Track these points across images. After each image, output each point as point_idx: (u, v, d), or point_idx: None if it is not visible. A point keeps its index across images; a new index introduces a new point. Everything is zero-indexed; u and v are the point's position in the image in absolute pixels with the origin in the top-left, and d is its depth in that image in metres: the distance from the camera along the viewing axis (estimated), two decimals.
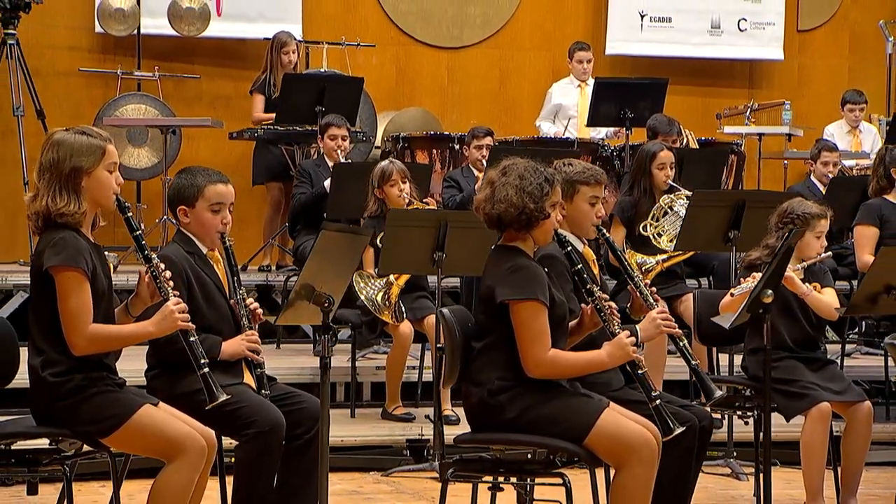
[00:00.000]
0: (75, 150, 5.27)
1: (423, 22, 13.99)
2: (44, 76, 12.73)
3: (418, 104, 13.71)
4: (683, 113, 13.71)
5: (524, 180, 5.23)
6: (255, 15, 13.19)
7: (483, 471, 5.39)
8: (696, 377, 5.70)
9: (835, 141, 12.81)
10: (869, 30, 14.32)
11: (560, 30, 14.06)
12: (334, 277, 5.52)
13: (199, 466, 5.22)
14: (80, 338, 5.08)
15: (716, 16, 14.27)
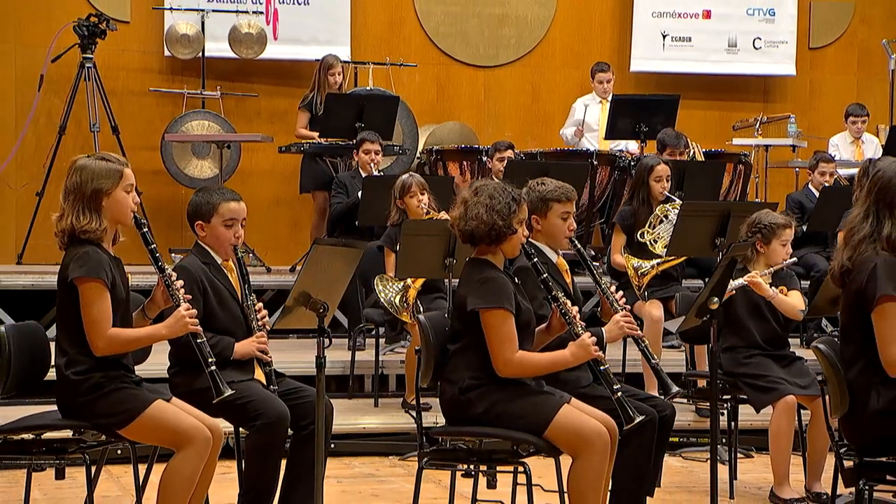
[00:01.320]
0: (96, 174, 5.40)
1: (461, 43, 14.01)
2: (119, 96, 12.86)
3: (457, 118, 13.72)
4: (703, 125, 13.95)
5: (494, 199, 5.32)
6: (307, 38, 13.25)
7: (456, 460, 5.47)
8: (655, 374, 5.82)
9: (839, 151, 12.86)
10: (875, 47, 14.11)
11: (587, 49, 14.05)
12: (329, 286, 5.62)
13: (205, 455, 5.32)
14: (101, 340, 5.23)
15: (732, 35, 14.23)
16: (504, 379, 5.28)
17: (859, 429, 4.98)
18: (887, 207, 4.97)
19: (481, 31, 14.04)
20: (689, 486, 7.38)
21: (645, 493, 5.95)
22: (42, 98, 12.58)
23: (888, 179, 5.01)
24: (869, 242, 4.93)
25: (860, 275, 4.89)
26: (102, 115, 12.28)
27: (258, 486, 5.89)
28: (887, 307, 4.80)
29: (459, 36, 14.03)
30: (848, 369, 4.96)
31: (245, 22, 12.98)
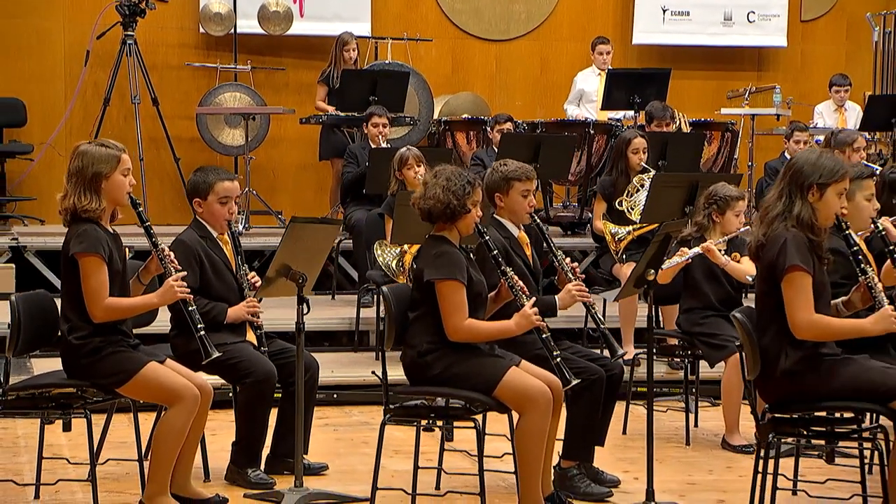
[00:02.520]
0: (96, 158, 5.52)
1: (474, 18, 14.00)
2: (158, 70, 12.95)
3: (470, 89, 13.74)
4: (701, 94, 13.98)
5: (450, 181, 5.47)
6: (331, 16, 13.26)
7: (417, 416, 5.61)
8: (602, 337, 5.98)
9: (823, 118, 12.92)
10: (863, 20, 14.10)
11: (592, 24, 14.00)
12: (308, 258, 5.86)
13: (194, 410, 5.50)
14: (98, 309, 5.40)
15: (728, 9, 14.20)
16: (458, 343, 5.43)
17: (771, 387, 5.14)
18: (798, 189, 5.10)
19: (493, 7, 14.04)
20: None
21: (594, 442, 6.11)
22: (88, 72, 12.74)
23: (801, 165, 5.14)
24: (781, 220, 5.08)
25: (772, 248, 5.04)
26: (143, 87, 12.38)
27: (249, 435, 6.15)
28: (795, 276, 4.97)
29: (473, 12, 14.03)
30: (762, 334, 5.12)
31: (273, 1, 13.05)
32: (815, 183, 5.08)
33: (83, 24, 12.89)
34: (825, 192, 5.09)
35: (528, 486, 5.42)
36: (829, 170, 5.10)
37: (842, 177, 5.11)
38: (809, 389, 5.06)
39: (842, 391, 5.03)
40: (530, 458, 5.40)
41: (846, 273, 5.37)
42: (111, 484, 6.09)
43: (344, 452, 6.89)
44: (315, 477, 6.28)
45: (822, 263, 5.09)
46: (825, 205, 5.10)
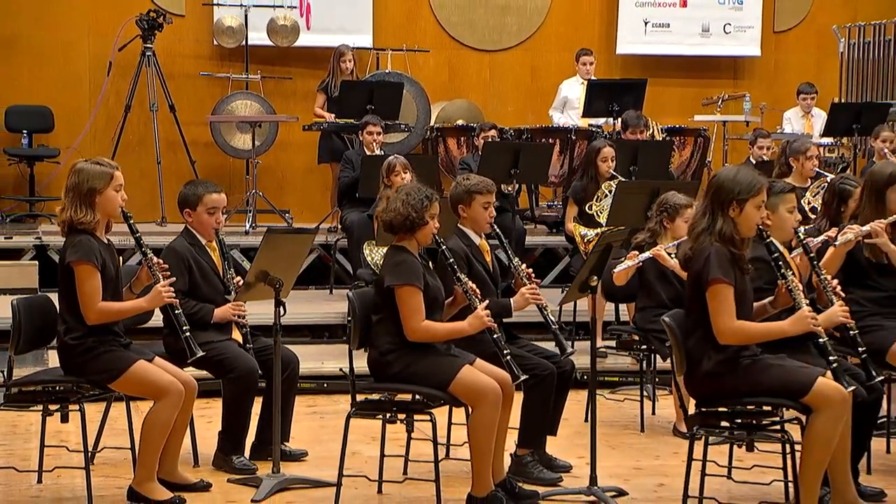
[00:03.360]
0: (91, 175, 5.65)
1: (469, 30, 14.05)
2: (175, 79, 13.04)
3: (465, 97, 13.79)
4: (681, 101, 13.99)
5: (409, 196, 5.61)
6: (336, 28, 13.32)
7: (381, 409, 5.72)
8: (554, 337, 6.10)
9: (791, 124, 13.01)
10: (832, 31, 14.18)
11: (579, 35, 14.02)
12: (285, 265, 6.01)
13: (178, 404, 5.65)
14: (92, 312, 5.54)
15: (706, 21, 14.25)
16: (416, 343, 5.56)
17: (695, 385, 5.30)
18: (720, 206, 5.24)
19: (487, 20, 14.07)
20: (612, 421, 7.70)
21: (546, 432, 6.25)
22: (110, 82, 12.90)
23: (721, 184, 5.28)
24: (706, 235, 5.23)
25: (698, 261, 5.20)
26: (161, 95, 12.55)
27: (233, 426, 6.32)
28: (717, 288, 5.13)
29: (467, 24, 14.07)
30: (688, 337, 5.28)
31: (281, 15, 13.21)
32: (735, 199, 5.22)
33: (106, 37, 13.03)
34: (744, 207, 5.23)
35: (480, 472, 5.56)
36: (747, 185, 5.24)
37: (758, 191, 5.25)
38: (729, 388, 5.22)
39: (759, 389, 5.19)
40: (481, 447, 5.52)
41: (770, 279, 5.51)
42: (108, 469, 6.25)
43: (326, 439, 7.00)
44: (295, 463, 6.44)
45: (743, 274, 5.23)
46: (745, 218, 5.24)
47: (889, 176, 6.36)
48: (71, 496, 5.80)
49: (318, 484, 6.00)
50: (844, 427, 5.23)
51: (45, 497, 5.85)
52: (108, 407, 6.48)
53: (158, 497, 5.67)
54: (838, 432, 5.17)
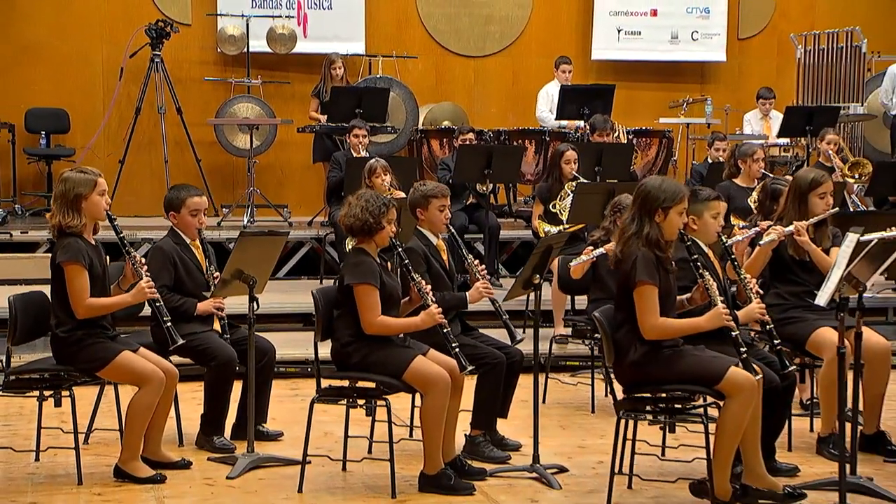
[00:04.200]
0: (76, 183, 5.78)
1: (455, 38, 14.16)
2: (182, 83, 13.15)
3: (451, 99, 13.87)
4: (652, 103, 14.05)
5: (368, 203, 5.74)
6: (331, 36, 13.45)
7: (342, 396, 5.84)
8: (505, 326, 6.23)
9: (751, 125, 13.13)
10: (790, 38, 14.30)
11: (557, 42, 14.09)
12: (258, 264, 6.13)
13: (160, 391, 5.80)
14: (80, 308, 5.70)
15: (675, 29, 14.34)
16: (373, 336, 5.67)
17: (622, 374, 5.47)
18: (647, 213, 5.41)
19: (471, 28, 14.19)
20: (567, 402, 7.85)
21: (497, 415, 6.37)
22: (122, 86, 13.01)
23: (648, 192, 5.44)
24: (634, 239, 5.39)
25: (627, 263, 5.37)
26: (169, 99, 12.67)
27: (213, 409, 6.47)
28: (643, 289, 5.30)
29: (453, 32, 14.18)
30: (616, 331, 5.45)
31: (279, 24, 13.35)
32: (660, 206, 5.40)
33: (118, 45, 13.14)
34: (668, 213, 5.40)
35: (431, 452, 5.71)
36: (671, 194, 5.41)
37: (681, 199, 5.43)
38: (652, 377, 5.39)
39: (678, 377, 5.36)
40: (432, 430, 5.66)
41: (693, 278, 5.67)
42: (101, 448, 6.41)
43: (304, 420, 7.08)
44: (271, 442, 6.57)
45: (667, 274, 5.41)
46: (669, 223, 5.41)
47: (811, 181, 6.54)
48: (64, 473, 5.94)
49: (287, 462, 6.12)
50: (754, 410, 5.37)
51: (40, 474, 6.00)
52: (100, 392, 6.65)
53: (141, 474, 5.83)
54: (748, 415, 5.32)
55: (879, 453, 6.39)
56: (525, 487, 5.85)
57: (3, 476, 5.99)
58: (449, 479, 5.72)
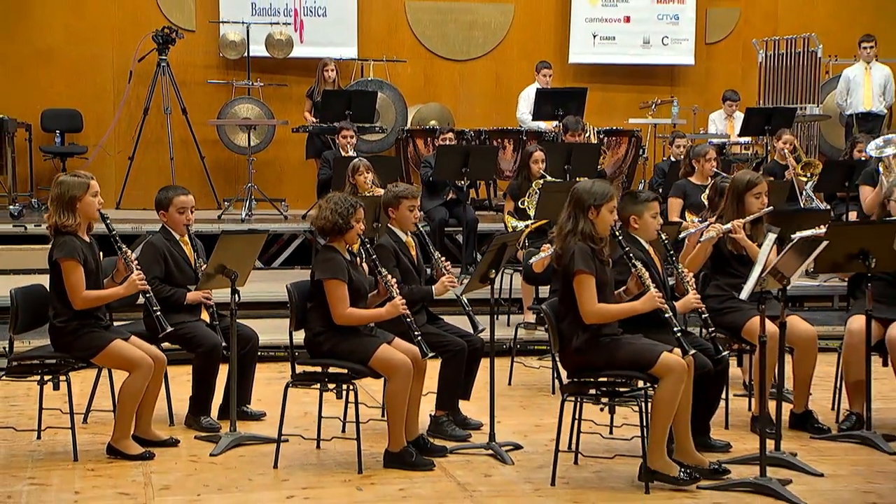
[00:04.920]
0: (70, 185, 5.91)
1: (442, 42, 14.28)
2: (187, 86, 13.30)
3: (438, 100, 13.99)
4: (625, 104, 14.14)
5: (337, 205, 5.88)
6: (326, 42, 13.62)
7: (315, 380, 5.98)
8: (468, 317, 6.38)
9: (716, 125, 13.27)
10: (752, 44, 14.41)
11: (536, 47, 14.22)
12: (240, 260, 6.28)
13: (149, 376, 5.95)
14: (77, 300, 5.84)
15: (646, 35, 14.44)
16: (342, 326, 5.81)
17: (567, 360, 5.65)
18: (581, 212, 5.58)
19: (457, 34, 14.32)
20: (531, 384, 7.99)
21: (459, 397, 6.53)
22: (131, 89, 13.19)
23: (580, 193, 5.61)
24: (571, 235, 5.56)
25: (566, 257, 5.53)
26: (174, 100, 12.85)
27: (200, 391, 6.63)
28: (581, 278, 5.46)
29: (440, 37, 14.31)
30: (561, 321, 5.62)
31: (277, 31, 13.50)
32: (592, 205, 5.58)
33: (127, 51, 13.32)
34: (600, 211, 5.57)
35: (394, 431, 5.87)
36: (601, 194, 5.59)
37: (610, 198, 5.59)
38: (593, 363, 5.57)
39: (617, 363, 5.54)
40: (395, 411, 5.83)
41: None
42: (98, 427, 6.55)
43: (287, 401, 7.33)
44: (254, 422, 6.73)
45: (603, 265, 5.58)
46: (601, 220, 5.58)
47: (748, 182, 6.71)
48: (62, 451, 6.11)
49: (266, 441, 6.25)
50: (685, 393, 5.54)
51: (40, 451, 6.17)
52: (97, 376, 6.83)
53: (131, 452, 5.99)
54: (679, 397, 5.49)
55: (807, 430, 6.57)
56: (481, 463, 6.00)
57: (7, 453, 6.15)
58: (411, 456, 5.88)
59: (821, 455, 6.15)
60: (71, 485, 5.59)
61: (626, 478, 5.69)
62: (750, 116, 12.03)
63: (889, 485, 5.63)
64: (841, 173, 10.28)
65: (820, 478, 5.72)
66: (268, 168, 13.79)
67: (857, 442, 6.35)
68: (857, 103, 13.04)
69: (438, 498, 5.43)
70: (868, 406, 6.40)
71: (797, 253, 5.72)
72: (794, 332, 6.49)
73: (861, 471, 5.87)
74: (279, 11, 13.71)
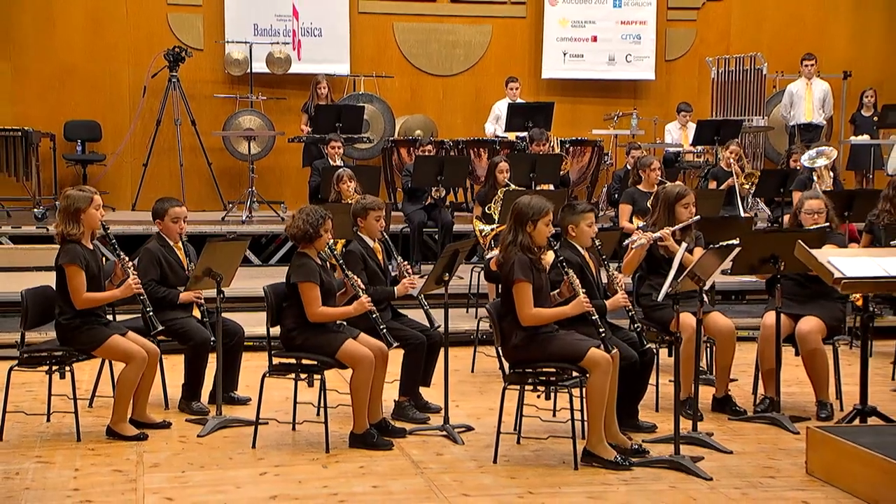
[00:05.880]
0: (76, 199, 6.15)
1: (426, 60, 14.46)
2: (195, 99, 13.53)
3: (423, 112, 14.21)
4: (592, 116, 14.32)
5: (308, 216, 6.11)
6: (321, 59, 13.82)
7: (289, 370, 6.15)
8: (425, 314, 6.63)
9: (671, 134, 13.47)
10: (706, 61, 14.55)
11: (512, 63, 14.39)
12: (224, 264, 6.48)
13: (143, 367, 6.16)
14: (78, 300, 6.05)
15: (612, 53, 14.59)
16: (314, 323, 6.03)
17: (508, 353, 5.87)
18: (520, 225, 5.79)
19: (440, 52, 14.50)
20: (491, 371, 8.11)
21: (420, 384, 6.76)
22: (145, 102, 13.42)
23: (520, 209, 5.81)
24: (512, 246, 5.78)
25: (507, 266, 5.75)
26: (184, 112, 13.08)
27: (191, 380, 6.87)
28: (519, 285, 5.69)
29: (425, 55, 14.49)
30: (502, 319, 5.84)
31: (276, 50, 13.71)
32: (530, 219, 5.80)
33: (141, 68, 13.54)
34: (537, 224, 5.79)
35: (358, 415, 6.10)
36: (538, 209, 5.79)
37: (546, 213, 5.79)
38: (530, 357, 5.80)
39: (550, 356, 5.78)
40: (359, 398, 6.05)
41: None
42: (102, 411, 6.74)
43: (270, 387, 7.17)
44: (240, 406, 6.94)
45: (540, 273, 5.81)
46: (538, 232, 5.80)
47: (677, 194, 6.96)
48: (67, 432, 6.33)
49: (248, 423, 6.44)
50: (611, 382, 5.77)
51: (48, 432, 6.41)
52: (101, 366, 7.07)
53: (128, 433, 6.22)
54: (607, 387, 5.72)
55: (726, 412, 6.81)
56: (435, 443, 6.22)
57: (19, 434, 6.38)
58: (372, 437, 6.10)
59: (734, 434, 6.40)
60: (72, 462, 5.83)
61: (560, 456, 5.92)
62: (701, 127, 12.25)
63: (788, 460, 5.87)
64: (777, 181, 10.52)
65: (729, 454, 5.96)
66: (269, 173, 14.03)
67: (768, 423, 6.59)
68: (800, 115, 13.28)
69: (393, 474, 5.66)
70: (778, 391, 6.64)
71: (715, 257, 5.96)
72: (714, 326, 6.74)
73: (766, 448, 6.11)
74: (279, 32, 13.91)
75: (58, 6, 13.61)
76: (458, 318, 8.93)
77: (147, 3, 13.78)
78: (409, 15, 14.39)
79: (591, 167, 12.18)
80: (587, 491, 5.37)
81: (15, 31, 13.54)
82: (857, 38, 15.24)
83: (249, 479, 5.55)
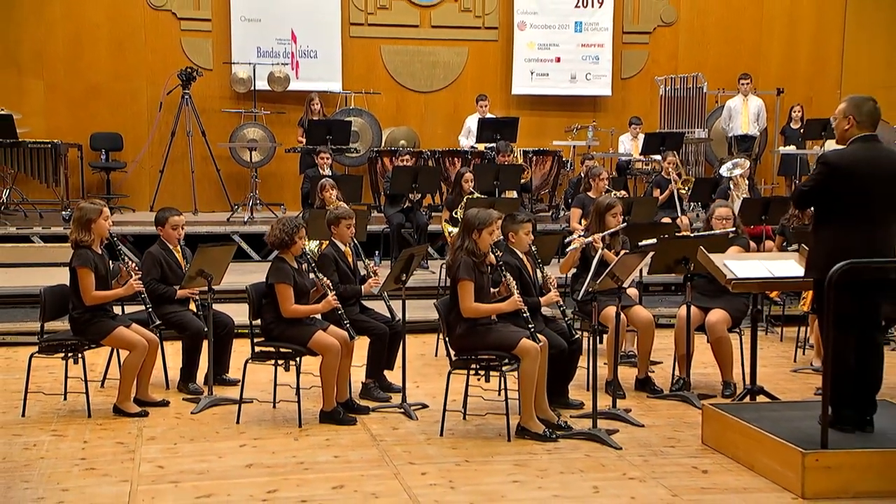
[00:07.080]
0: (87, 210, 6.40)
1: (410, 78, 14.61)
2: (206, 113, 13.73)
3: (406, 124, 14.37)
4: (555, 128, 14.48)
5: (285, 225, 6.36)
6: (316, 77, 14.01)
7: (269, 358, 6.36)
8: (387, 307, 6.93)
9: (624, 145, 13.72)
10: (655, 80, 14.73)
11: (486, 81, 14.58)
12: (214, 265, 6.77)
13: (144, 354, 6.44)
14: (88, 298, 6.32)
15: (573, 71, 14.75)
16: (288, 318, 6.26)
17: (453, 343, 6.14)
18: (468, 233, 6.09)
19: (422, 71, 14.66)
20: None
21: (383, 367, 7.01)
22: (161, 116, 13.65)
23: (469, 219, 6.10)
24: (460, 250, 6.08)
25: (454, 267, 6.05)
26: (195, 125, 13.28)
27: (187, 364, 7.15)
28: (463, 284, 5.98)
29: (409, 74, 14.65)
30: (448, 313, 6.13)
31: (278, 69, 13.93)
32: (476, 228, 6.10)
33: (157, 86, 13.75)
34: (482, 233, 6.08)
35: (327, 395, 6.39)
36: (483, 220, 6.09)
37: (490, 223, 6.07)
38: (471, 346, 6.10)
39: (487, 345, 6.06)
40: (328, 381, 6.34)
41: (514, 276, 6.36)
42: (112, 391, 6.98)
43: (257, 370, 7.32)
44: (230, 387, 7.19)
45: (482, 274, 6.10)
46: (482, 240, 6.08)
47: (607, 205, 7.27)
48: (80, 410, 6.64)
49: (234, 402, 6.71)
50: (540, 367, 6.06)
51: (64, 409, 6.71)
52: (111, 353, 7.40)
53: (131, 411, 6.52)
54: (536, 372, 6.03)
55: (646, 391, 7.12)
56: (393, 419, 6.51)
57: (39, 411, 6.69)
58: (339, 414, 6.40)
59: (649, 410, 6.71)
60: (82, 436, 6.14)
61: (497, 430, 6.23)
62: (648, 139, 12.49)
63: (689, 432, 6.17)
64: (710, 187, 10.81)
65: (640, 427, 6.27)
66: (270, 178, 14.27)
67: (679, 400, 6.90)
68: (737, 127, 13.56)
69: (353, 446, 5.96)
70: (688, 372, 6.96)
71: (633, 258, 6.27)
72: (637, 318, 7.05)
73: (673, 422, 6.42)
74: (279, 54, 14.12)
75: (85, 32, 13.85)
76: (426, 308, 9.17)
77: (163, 29, 14.00)
78: (395, 38, 14.56)
79: (553, 174, 12.44)
80: (515, 459, 5.69)
81: (48, 53, 13.78)
82: (789, 59, 15.48)
83: (230, 451, 5.83)
